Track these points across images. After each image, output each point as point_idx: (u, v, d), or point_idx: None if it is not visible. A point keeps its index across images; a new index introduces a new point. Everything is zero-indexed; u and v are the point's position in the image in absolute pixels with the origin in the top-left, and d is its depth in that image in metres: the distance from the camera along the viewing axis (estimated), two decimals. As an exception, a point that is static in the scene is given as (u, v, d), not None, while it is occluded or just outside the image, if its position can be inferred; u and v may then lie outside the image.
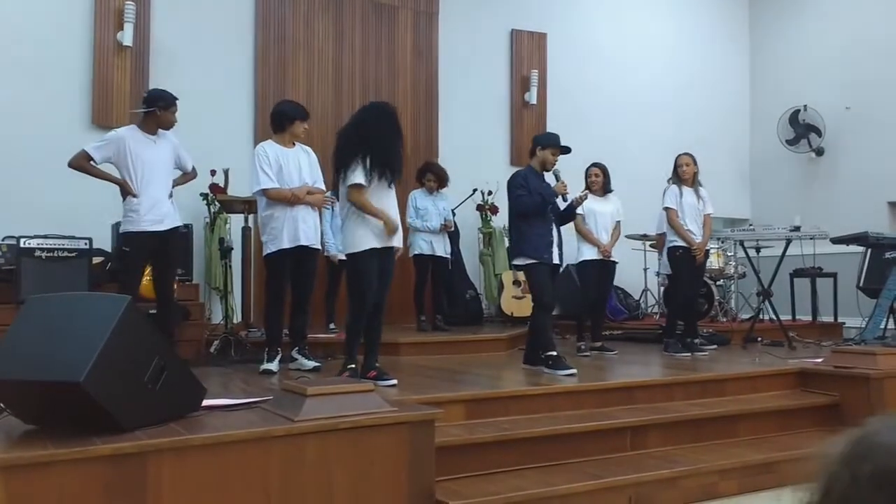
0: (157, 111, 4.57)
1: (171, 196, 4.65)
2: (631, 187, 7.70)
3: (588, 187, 5.76)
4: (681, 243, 5.71)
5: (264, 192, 4.63)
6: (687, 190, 5.78)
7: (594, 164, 5.92)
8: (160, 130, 4.63)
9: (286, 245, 4.59)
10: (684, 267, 5.73)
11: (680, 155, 5.89)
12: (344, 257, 4.51)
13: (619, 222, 5.93)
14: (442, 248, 6.63)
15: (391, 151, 4.14)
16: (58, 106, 6.17)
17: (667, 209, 5.80)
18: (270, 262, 4.67)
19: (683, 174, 5.78)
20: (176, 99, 4.64)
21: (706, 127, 8.81)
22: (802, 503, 0.96)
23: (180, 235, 4.71)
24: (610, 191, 5.92)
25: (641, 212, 7.31)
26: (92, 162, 4.51)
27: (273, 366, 4.57)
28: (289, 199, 4.61)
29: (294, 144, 4.86)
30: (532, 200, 4.72)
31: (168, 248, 4.57)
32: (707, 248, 5.91)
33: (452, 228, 6.82)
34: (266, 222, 4.67)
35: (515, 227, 4.87)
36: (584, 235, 5.73)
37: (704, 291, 6.98)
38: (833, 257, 7.57)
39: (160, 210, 4.51)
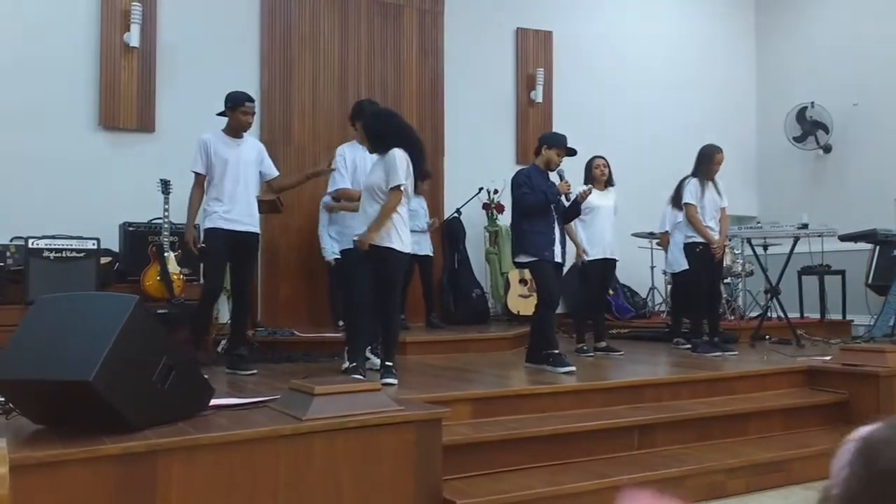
0: (227, 113, 4.63)
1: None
2: (636, 185, 7.70)
3: (594, 179, 5.62)
4: (699, 239, 5.58)
5: (337, 191, 4.86)
6: (708, 185, 5.64)
7: (599, 156, 5.77)
8: (245, 135, 4.69)
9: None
10: (704, 264, 5.60)
11: (718, 152, 5.65)
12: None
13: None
14: (428, 247, 6.73)
15: None
16: (65, 107, 6.19)
17: (686, 205, 5.64)
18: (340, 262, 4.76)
19: (715, 171, 5.63)
20: (245, 99, 4.62)
21: (712, 124, 8.77)
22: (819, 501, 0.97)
23: (255, 240, 4.76)
24: (612, 185, 5.81)
25: (647, 210, 7.30)
26: (200, 176, 4.59)
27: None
28: (354, 200, 4.63)
29: None
30: (536, 199, 4.70)
31: (243, 248, 4.62)
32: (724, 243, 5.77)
33: (437, 226, 6.95)
34: (337, 220, 4.82)
35: (517, 226, 4.84)
36: (571, 235, 5.46)
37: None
38: (841, 255, 7.54)
39: (238, 211, 4.56)
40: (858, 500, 0.92)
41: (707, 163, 5.66)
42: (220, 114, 4.69)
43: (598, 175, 5.66)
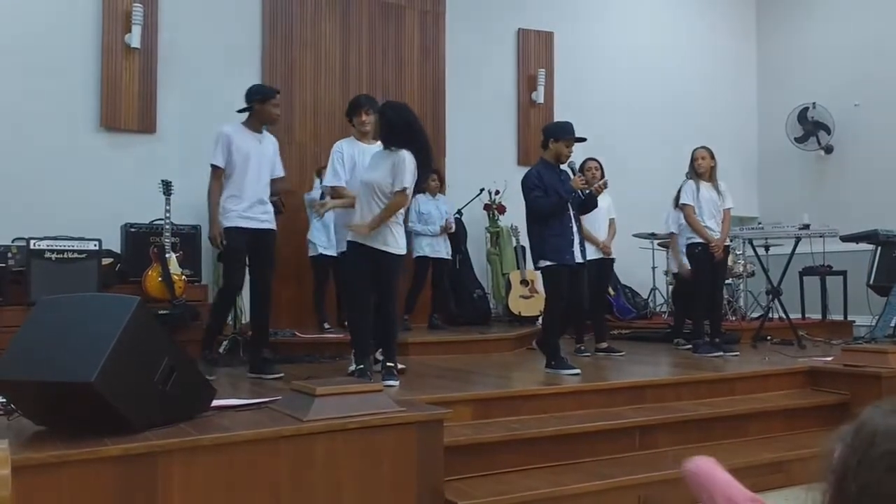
0: (255, 106, 4.47)
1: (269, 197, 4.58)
2: (638, 186, 7.70)
3: (587, 182, 5.64)
4: (699, 240, 5.61)
5: (331, 188, 4.63)
6: (704, 185, 5.67)
7: (591, 159, 5.79)
8: (265, 131, 4.56)
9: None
10: (705, 264, 5.61)
11: (696, 148, 5.78)
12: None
13: (612, 219, 5.89)
14: (444, 250, 6.73)
15: None
16: (66, 108, 6.20)
17: (683, 206, 5.69)
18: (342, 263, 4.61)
19: (699, 168, 5.68)
20: (275, 92, 4.50)
21: (714, 125, 8.77)
22: (818, 502, 0.98)
23: (273, 236, 4.60)
24: (605, 187, 5.83)
25: (649, 210, 7.30)
26: (219, 170, 4.43)
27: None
28: (344, 198, 4.50)
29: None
30: (549, 201, 4.55)
31: (262, 246, 4.48)
32: (726, 244, 5.78)
33: (453, 229, 6.87)
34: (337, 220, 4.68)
35: (534, 230, 4.64)
36: (584, 233, 5.53)
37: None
38: (842, 255, 7.53)
39: (257, 208, 4.45)
40: (848, 467, 0.94)
41: (692, 161, 5.76)
42: (242, 110, 4.52)
43: (589, 178, 5.65)
